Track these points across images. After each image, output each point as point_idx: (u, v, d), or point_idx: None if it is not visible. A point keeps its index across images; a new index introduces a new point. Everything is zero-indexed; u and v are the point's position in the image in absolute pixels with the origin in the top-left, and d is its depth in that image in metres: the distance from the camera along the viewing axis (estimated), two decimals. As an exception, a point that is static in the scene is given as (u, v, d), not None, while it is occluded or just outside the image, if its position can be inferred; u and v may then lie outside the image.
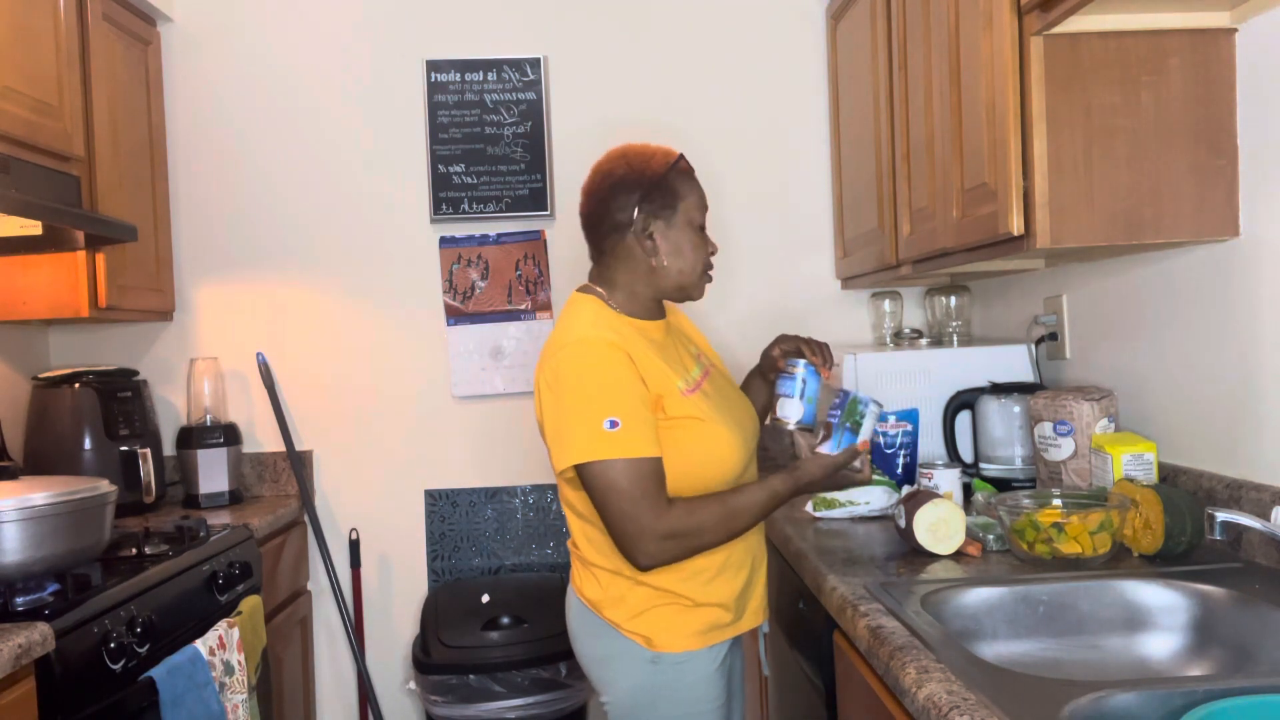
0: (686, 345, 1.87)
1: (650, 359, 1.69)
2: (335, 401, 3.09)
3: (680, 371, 1.74)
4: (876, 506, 2.14)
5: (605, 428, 1.60)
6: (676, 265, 1.75)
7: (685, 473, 1.67)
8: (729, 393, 1.85)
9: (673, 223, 1.74)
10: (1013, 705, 1.11)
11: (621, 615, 1.72)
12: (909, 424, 2.27)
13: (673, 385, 1.69)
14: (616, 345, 1.66)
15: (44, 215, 2.12)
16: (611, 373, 1.64)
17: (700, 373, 1.81)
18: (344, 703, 3.11)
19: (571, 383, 1.65)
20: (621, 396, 1.63)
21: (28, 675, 1.66)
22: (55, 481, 1.95)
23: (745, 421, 1.81)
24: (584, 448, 1.61)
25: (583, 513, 1.73)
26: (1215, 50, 1.71)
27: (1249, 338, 1.71)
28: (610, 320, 1.73)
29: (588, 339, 1.67)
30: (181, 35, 3.05)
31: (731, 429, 1.74)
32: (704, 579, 1.72)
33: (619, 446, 1.60)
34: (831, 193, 3.11)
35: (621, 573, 1.71)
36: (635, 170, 1.74)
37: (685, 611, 1.71)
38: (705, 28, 3.11)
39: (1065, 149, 1.72)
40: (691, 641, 1.71)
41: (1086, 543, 1.64)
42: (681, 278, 1.76)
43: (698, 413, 1.70)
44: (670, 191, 1.73)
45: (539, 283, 3.09)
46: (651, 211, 1.73)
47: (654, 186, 1.73)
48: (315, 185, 3.08)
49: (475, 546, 3.10)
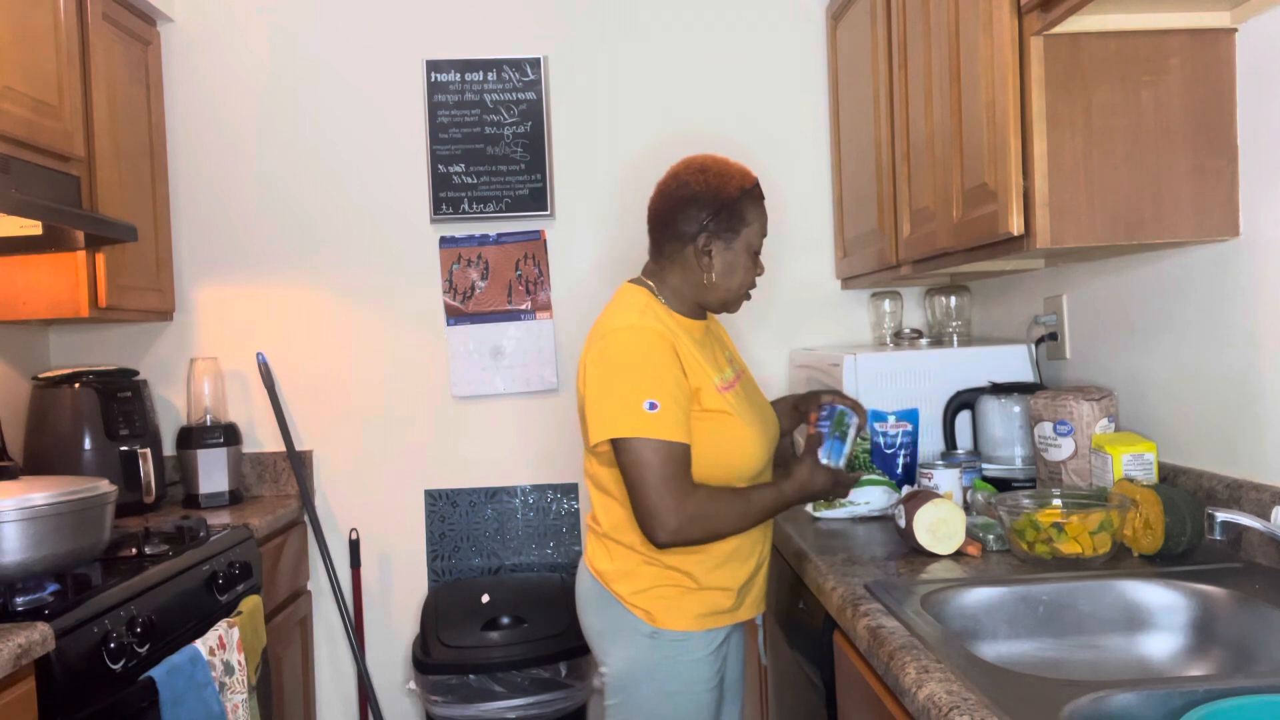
0: (721, 348, 1.97)
1: (692, 353, 1.79)
2: (335, 401, 3.09)
3: (717, 369, 1.84)
4: (876, 506, 2.14)
5: (645, 408, 1.70)
6: (725, 284, 1.84)
7: (713, 462, 1.77)
8: (755, 397, 1.95)
9: (732, 245, 1.83)
10: (1013, 705, 1.11)
11: (627, 589, 1.81)
12: (909, 424, 2.27)
13: (710, 380, 1.79)
14: (663, 335, 1.77)
15: (44, 215, 2.12)
16: (656, 359, 1.74)
17: (733, 374, 1.91)
18: (344, 703, 3.11)
19: (617, 363, 1.74)
20: (663, 382, 1.72)
21: (28, 675, 1.66)
22: (55, 481, 1.95)
23: (769, 425, 1.91)
24: (623, 424, 1.71)
25: (607, 488, 1.82)
26: (1215, 50, 1.71)
27: (1249, 338, 1.71)
28: (658, 312, 1.83)
29: (637, 326, 1.77)
30: (181, 35, 3.05)
31: (757, 429, 1.84)
32: (712, 563, 1.80)
33: (655, 427, 1.69)
34: (831, 193, 3.11)
35: (635, 548, 1.80)
36: (711, 189, 1.81)
37: (689, 593, 1.79)
38: (705, 28, 3.11)
39: (1065, 149, 1.72)
40: (691, 623, 1.80)
41: (1086, 543, 1.64)
42: (727, 294, 1.86)
43: (730, 408, 1.79)
44: (738, 216, 1.82)
45: (539, 283, 3.09)
46: (715, 231, 1.81)
47: (724, 208, 1.81)
48: (315, 185, 3.08)
49: (475, 546, 3.10)
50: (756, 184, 1.85)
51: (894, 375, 2.45)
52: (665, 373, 1.73)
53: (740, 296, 1.88)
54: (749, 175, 1.84)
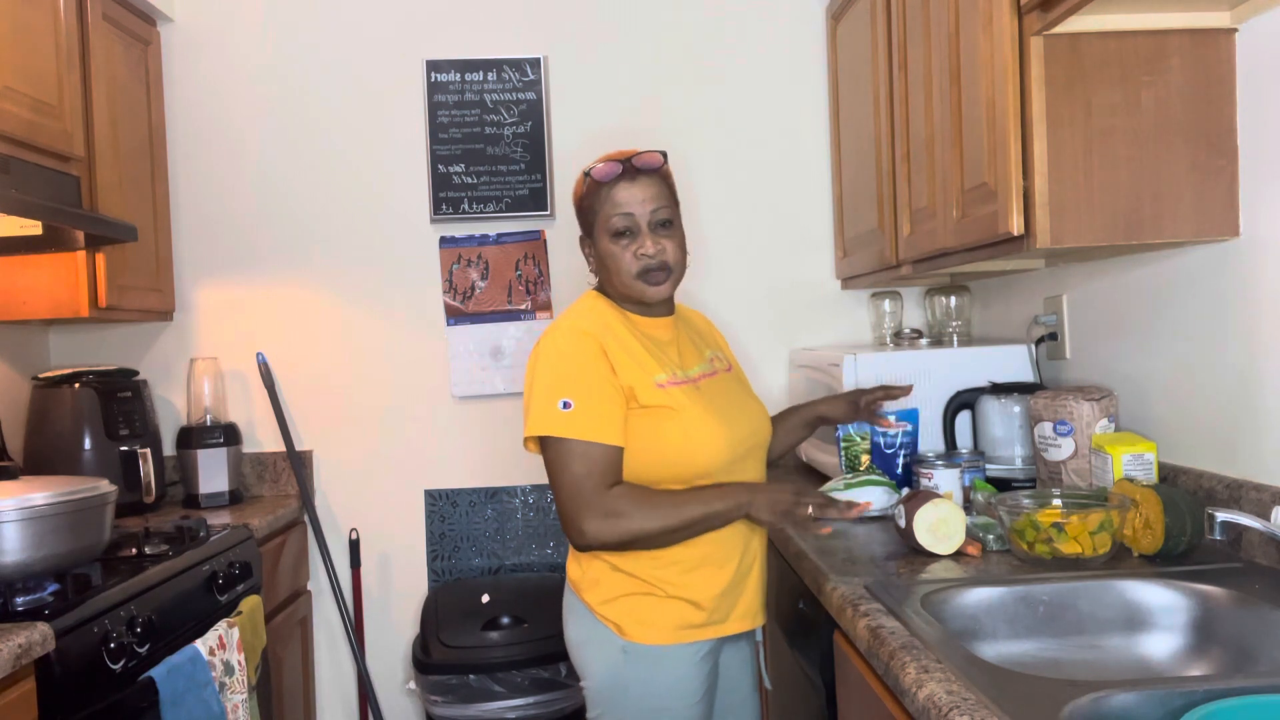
0: (700, 344, 1.92)
1: (629, 351, 1.75)
2: (335, 401, 3.09)
3: (668, 365, 1.79)
4: (876, 506, 2.14)
5: (559, 408, 1.68)
6: (615, 277, 1.80)
7: (659, 460, 1.72)
8: (734, 395, 1.88)
9: (596, 238, 1.81)
10: (1013, 705, 1.11)
11: (595, 598, 1.77)
12: (909, 424, 2.27)
13: (648, 377, 1.74)
14: (588, 334, 1.74)
15: (44, 215, 2.12)
16: (575, 357, 1.72)
17: (703, 371, 1.85)
18: (344, 703, 3.11)
19: (541, 366, 1.74)
20: (579, 380, 1.70)
21: (28, 675, 1.66)
22: (55, 481, 1.95)
23: (740, 422, 1.81)
24: (536, 423, 1.70)
25: None
26: (1215, 50, 1.71)
27: (1249, 338, 1.71)
28: (603, 313, 1.80)
29: (563, 327, 1.77)
30: (181, 35, 3.05)
31: (715, 425, 1.75)
32: (680, 570, 1.74)
33: (568, 426, 1.67)
34: (831, 193, 3.11)
35: (599, 555, 1.75)
36: (574, 195, 1.85)
37: (657, 603, 1.74)
38: (705, 28, 3.11)
39: (1065, 149, 1.72)
40: (664, 636, 1.74)
41: (1086, 543, 1.64)
42: (621, 286, 1.80)
43: (672, 403, 1.73)
44: (587, 211, 1.81)
45: (539, 283, 3.09)
46: (583, 233, 1.85)
47: (578, 210, 1.84)
48: (315, 185, 3.08)
49: (475, 546, 3.10)
50: (587, 173, 1.79)
51: (894, 375, 2.45)
52: (585, 372, 1.70)
53: (633, 281, 1.77)
54: (603, 164, 1.77)
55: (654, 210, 1.77)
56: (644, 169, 1.78)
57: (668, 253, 1.78)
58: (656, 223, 1.77)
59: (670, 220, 1.79)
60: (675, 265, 1.80)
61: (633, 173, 1.77)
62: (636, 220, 1.76)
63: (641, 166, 1.77)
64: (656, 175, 1.80)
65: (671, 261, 1.79)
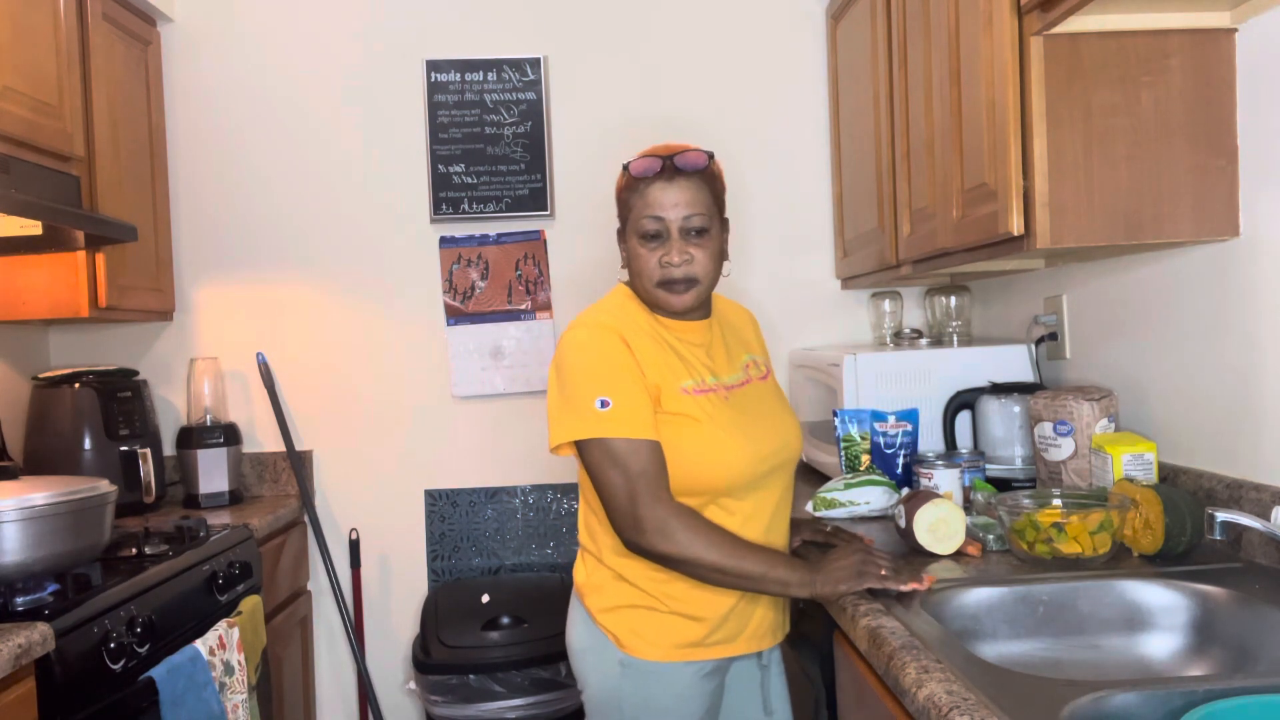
0: (736, 349, 1.83)
1: (653, 351, 1.68)
2: (335, 401, 3.09)
3: (695, 372, 1.70)
4: (876, 506, 2.14)
5: (596, 407, 1.61)
6: (637, 280, 1.73)
7: (674, 472, 1.64)
8: (765, 407, 1.78)
9: (626, 236, 1.73)
10: (1013, 705, 1.11)
11: (596, 605, 1.72)
12: (909, 424, 2.27)
13: (674, 382, 1.67)
14: (612, 329, 1.67)
15: (44, 215, 2.12)
16: (604, 354, 1.65)
17: (736, 379, 1.76)
18: (344, 703, 3.11)
19: (568, 365, 1.66)
20: (613, 377, 1.63)
21: (28, 675, 1.66)
22: (55, 481, 1.95)
23: (766, 438, 1.72)
24: (575, 426, 1.63)
25: (585, 494, 1.76)
26: (1215, 50, 1.71)
27: (1249, 338, 1.71)
28: (632, 312, 1.73)
29: (588, 323, 1.69)
30: (181, 35, 3.05)
31: (738, 438, 1.67)
32: (687, 584, 1.66)
33: (613, 425, 1.60)
34: (831, 193, 3.11)
35: (602, 560, 1.72)
36: (616, 183, 1.76)
37: (656, 619, 1.67)
38: (705, 27, 3.11)
39: (1065, 149, 1.72)
40: (664, 653, 1.67)
41: (1086, 543, 1.64)
42: (642, 291, 1.73)
43: (695, 412, 1.65)
44: (623, 205, 1.73)
45: (539, 283, 3.09)
46: (620, 229, 1.76)
47: (618, 204, 1.75)
48: (315, 185, 3.08)
49: (475, 546, 3.10)
50: (625, 167, 1.70)
51: (894, 375, 2.45)
52: (615, 368, 1.63)
53: (653, 288, 1.69)
54: (641, 159, 1.69)
55: (687, 216, 1.66)
56: (684, 168, 1.67)
57: (695, 263, 1.67)
58: (689, 229, 1.67)
59: (705, 229, 1.68)
60: (703, 276, 1.69)
61: (671, 171, 1.67)
62: (667, 224, 1.66)
63: (682, 165, 1.67)
64: (698, 177, 1.68)
65: (699, 273, 1.68)
